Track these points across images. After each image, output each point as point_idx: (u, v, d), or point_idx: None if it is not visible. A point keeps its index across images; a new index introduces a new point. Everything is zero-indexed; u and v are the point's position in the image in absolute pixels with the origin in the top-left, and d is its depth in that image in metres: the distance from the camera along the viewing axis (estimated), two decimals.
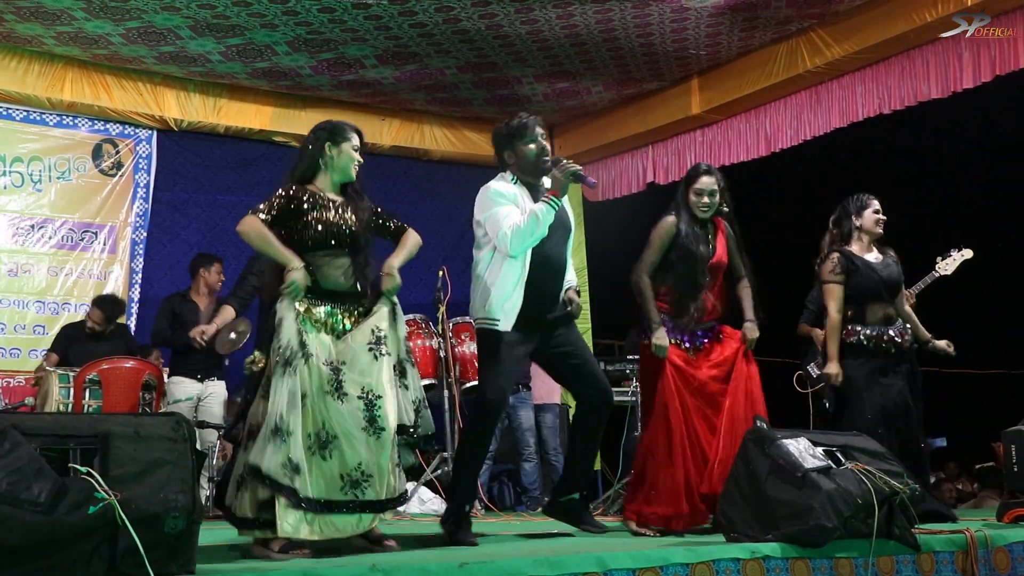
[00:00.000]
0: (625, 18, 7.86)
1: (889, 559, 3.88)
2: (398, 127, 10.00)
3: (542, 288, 4.78)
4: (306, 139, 4.51)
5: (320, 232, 4.22)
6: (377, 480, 4.05)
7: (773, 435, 4.01)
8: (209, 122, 9.22)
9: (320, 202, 4.28)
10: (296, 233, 4.22)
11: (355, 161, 4.42)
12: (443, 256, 9.11)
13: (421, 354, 7.37)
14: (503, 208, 4.70)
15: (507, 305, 4.68)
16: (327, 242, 4.24)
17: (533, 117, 4.95)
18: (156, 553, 2.77)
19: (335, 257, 4.26)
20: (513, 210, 4.69)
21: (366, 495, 4.02)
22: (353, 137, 4.44)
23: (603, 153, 10.36)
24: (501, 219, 4.66)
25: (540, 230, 4.63)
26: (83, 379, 6.81)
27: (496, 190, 4.79)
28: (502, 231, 4.64)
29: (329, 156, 4.37)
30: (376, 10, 7.59)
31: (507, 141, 4.91)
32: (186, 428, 3.09)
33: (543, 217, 4.61)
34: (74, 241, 8.77)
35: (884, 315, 5.60)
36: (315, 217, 4.23)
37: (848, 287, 5.61)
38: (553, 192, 4.68)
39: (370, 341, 4.18)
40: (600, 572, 3.29)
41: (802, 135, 8.54)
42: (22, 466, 2.69)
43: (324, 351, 4.10)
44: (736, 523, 3.96)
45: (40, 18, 7.67)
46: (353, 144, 4.43)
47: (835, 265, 5.62)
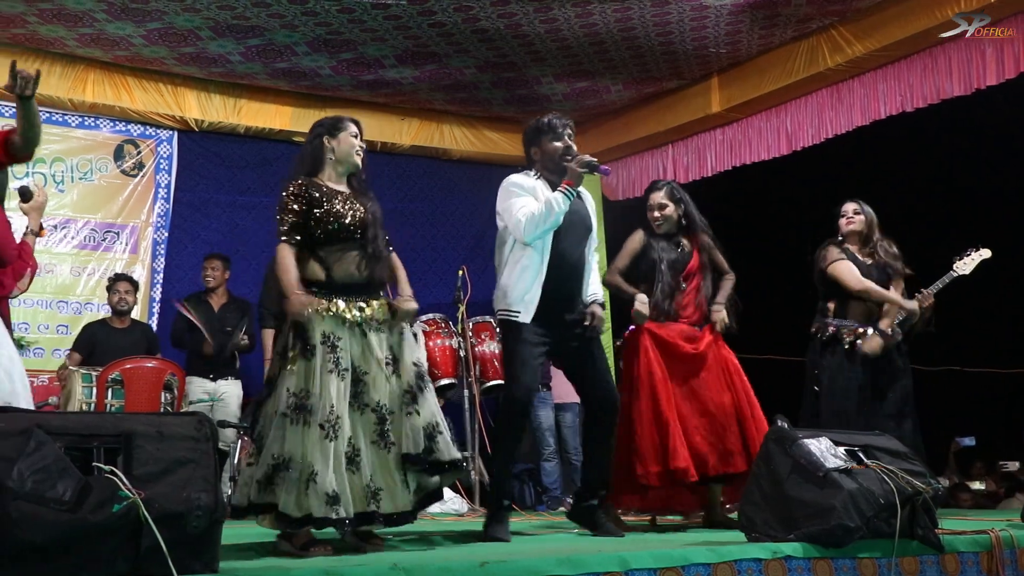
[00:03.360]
0: (644, 17, 7.84)
1: (913, 560, 3.86)
2: (418, 127, 10.01)
3: (559, 284, 4.84)
4: (305, 140, 4.52)
5: (331, 225, 4.21)
6: (387, 493, 4.09)
7: (794, 435, 3.99)
8: (229, 122, 9.26)
9: (328, 193, 4.28)
10: (308, 230, 4.22)
11: (356, 148, 4.40)
12: (463, 256, 9.13)
13: (441, 354, 7.39)
14: (520, 198, 4.82)
15: (527, 297, 4.76)
16: (338, 235, 4.23)
17: (562, 117, 5.08)
18: (179, 552, 2.78)
19: (346, 250, 4.25)
20: (529, 200, 4.80)
21: (382, 508, 4.06)
22: (350, 126, 4.43)
23: (623, 152, 10.34)
24: (516, 208, 4.78)
25: (554, 218, 4.72)
26: (106, 378, 6.85)
27: (515, 181, 4.92)
28: (516, 218, 4.75)
29: (329, 148, 4.37)
30: (395, 10, 7.60)
31: (534, 137, 5.04)
32: (208, 427, 3.10)
33: (557, 206, 4.70)
34: (96, 241, 8.81)
35: (866, 311, 5.89)
36: (325, 210, 4.22)
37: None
38: (568, 182, 4.78)
39: (387, 358, 4.22)
40: (621, 572, 3.28)
41: (823, 133, 8.50)
42: (47, 465, 2.70)
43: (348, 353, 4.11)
44: (757, 523, 3.94)
45: (62, 20, 7.71)
46: (351, 132, 4.41)
47: (834, 252, 5.97)
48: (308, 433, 3.95)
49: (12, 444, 2.72)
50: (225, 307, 8.00)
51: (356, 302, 4.19)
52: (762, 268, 8.52)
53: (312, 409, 3.97)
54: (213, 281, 8.02)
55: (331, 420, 3.96)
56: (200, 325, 7.73)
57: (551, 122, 5.00)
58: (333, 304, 4.15)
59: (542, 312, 4.77)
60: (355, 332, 4.16)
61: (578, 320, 4.96)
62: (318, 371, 4.02)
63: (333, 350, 4.06)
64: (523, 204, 4.78)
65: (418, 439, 4.19)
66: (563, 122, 5.02)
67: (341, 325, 4.13)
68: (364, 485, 4.04)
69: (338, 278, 4.22)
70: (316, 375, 4.01)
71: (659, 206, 5.60)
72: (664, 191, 5.64)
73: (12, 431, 2.75)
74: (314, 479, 3.89)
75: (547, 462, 8.24)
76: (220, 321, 7.87)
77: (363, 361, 4.15)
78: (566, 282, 4.91)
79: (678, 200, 5.62)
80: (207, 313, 7.90)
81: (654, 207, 5.61)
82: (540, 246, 4.80)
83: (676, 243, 5.61)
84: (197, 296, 8.11)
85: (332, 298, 4.16)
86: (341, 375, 4.05)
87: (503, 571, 3.12)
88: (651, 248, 5.56)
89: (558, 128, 4.98)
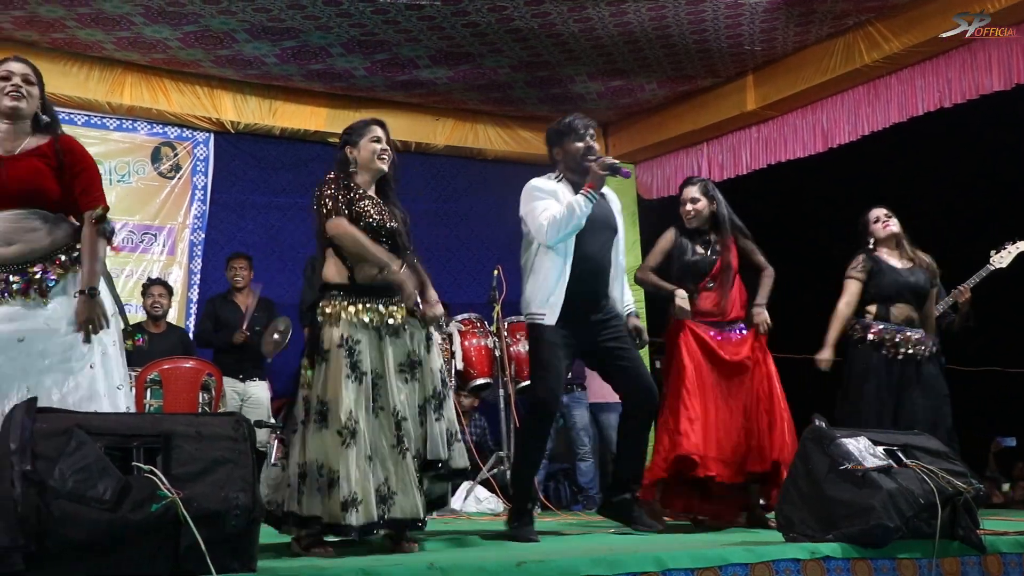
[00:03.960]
0: (679, 15, 7.81)
1: (954, 560, 3.82)
2: (452, 127, 10.02)
3: (584, 285, 4.85)
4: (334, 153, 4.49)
5: (361, 222, 4.17)
6: (402, 497, 4.05)
7: (832, 434, 3.97)
8: (265, 124, 9.31)
9: (364, 197, 4.25)
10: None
11: (377, 152, 4.32)
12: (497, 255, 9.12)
13: (476, 353, 7.40)
14: (542, 202, 4.84)
15: (551, 299, 4.78)
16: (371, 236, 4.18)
17: (584, 118, 5.06)
18: (217, 551, 2.79)
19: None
20: (552, 203, 4.82)
21: (392, 512, 4.03)
22: (370, 130, 4.36)
23: (657, 151, 10.31)
24: (539, 212, 4.81)
25: (576, 221, 4.74)
26: (144, 379, 6.91)
27: (536, 185, 4.96)
28: (539, 222, 4.78)
29: (352, 158, 4.34)
30: (429, 11, 7.61)
31: (557, 138, 5.06)
32: (246, 427, 3.12)
33: (579, 209, 4.72)
34: (134, 243, 8.89)
35: (907, 317, 5.78)
36: (359, 209, 4.18)
37: (872, 287, 5.82)
38: (590, 185, 4.78)
39: (402, 363, 4.17)
40: (658, 571, 3.27)
41: (860, 130, 8.43)
42: (88, 464, 2.73)
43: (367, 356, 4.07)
44: (795, 523, 3.92)
45: (100, 24, 7.79)
46: (372, 136, 4.34)
47: (859, 264, 5.88)
48: (327, 438, 3.93)
49: (54, 444, 2.75)
50: (252, 307, 8.04)
51: (376, 305, 4.14)
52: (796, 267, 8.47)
53: (330, 415, 3.95)
54: (242, 280, 8.08)
55: (349, 426, 3.93)
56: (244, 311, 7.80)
57: (573, 123, 5.00)
58: (352, 307, 4.11)
59: (567, 313, 4.78)
60: (373, 336, 4.11)
61: (605, 320, 4.97)
62: (336, 376, 3.98)
63: (351, 353, 4.02)
64: (545, 207, 4.80)
65: (442, 445, 4.18)
66: (585, 123, 5.01)
67: (359, 328, 4.08)
68: (375, 490, 4.00)
69: (360, 280, 4.17)
70: (334, 380, 3.98)
71: (691, 199, 5.61)
72: (698, 186, 5.66)
73: (53, 431, 2.78)
74: (334, 485, 3.88)
75: (582, 462, 8.23)
76: (250, 321, 7.92)
77: (381, 365, 4.10)
78: (591, 283, 4.92)
79: (711, 197, 5.62)
80: (234, 313, 7.96)
81: (686, 201, 5.63)
82: (563, 248, 4.82)
83: (706, 242, 5.60)
84: (223, 296, 8.17)
85: (352, 300, 4.12)
86: (359, 379, 4.01)
87: (540, 571, 3.11)
88: (678, 247, 5.59)
89: (580, 129, 4.98)
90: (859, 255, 5.90)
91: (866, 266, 5.84)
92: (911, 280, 5.80)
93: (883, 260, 5.86)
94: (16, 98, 3.74)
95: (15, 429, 2.73)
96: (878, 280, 5.80)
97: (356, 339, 4.05)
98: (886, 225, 5.93)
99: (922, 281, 5.83)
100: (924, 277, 5.85)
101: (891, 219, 5.94)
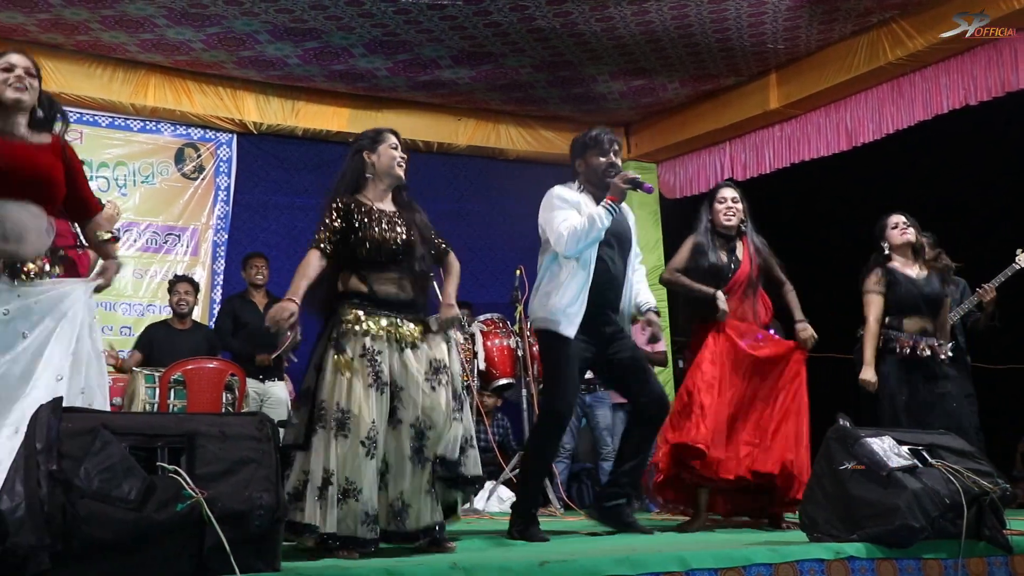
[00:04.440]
0: (701, 14, 7.79)
1: (980, 560, 3.79)
2: (474, 127, 10.03)
3: (599, 299, 4.87)
4: (346, 157, 4.46)
5: (369, 249, 4.15)
6: (415, 511, 4.05)
7: (857, 433, 3.95)
8: (287, 125, 9.34)
9: (370, 215, 4.21)
10: (349, 248, 4.18)
11: (397, 159, 4.33)
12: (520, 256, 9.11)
13: (499, 353, 7.40)
14: (562, 211, 4.85)
15: (570, 310, 4.79)
16: (377, 258, 4.17)
17: (610, 132, 5.09)
18: (241, 551, 2.80)
19: (386, 271, 4.19)
20: (572, 213, 4.83)
21: (406, 525, 4.03)
22: (389, 137, 4.37)
23: (680, 150, 10.28)
24: (559, 222, 4.81)
25: (596, 233, 4.75)
26: (168, 379, 6.93)
27: (558, 194, 4.95)
28: (559, 232, 4.78)
29: (370, 163, 4.32)
30: (451, 10, 7.61)
31: (580, 150, 5.08)
32: (269, 427, 3.12)
33: (600, 221, 4.73)
34: (158, 244, 8.94)
35: (921, 328, 5.77)
36: (365, 234, 4.16)
37: (888, 299, 5.80)
38: (612, 198, 4.80)
39: (427, 371, 4.13)
40: (682, 571, 3.27)
41: (884, 129, 8.38)
42: (113, 464, 2.74)
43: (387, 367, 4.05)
44: (819, 523, 3.90)
45: (124, 26, 7.83)
46: (390, 143, 4.35)
47: (878, 278, 5.84)
48: (348, 449, 3.89)
49: (79, 443, 2.76)
50: (269, 307, 8.03)
51: (394, 319, 4.12)
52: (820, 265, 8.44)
53: (352, 426, 3.90)
54: (262, 279, 8.09)
55: (371, 436, 3.91)
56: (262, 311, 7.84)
57: (598, 137, 5.03)
58: (373, 319, 4.09)
59: (584, 325, 4.80)
60: (394, 347, 4.09)
61: (616, 331, 4.99)
62: (359, 386, 3.95)
63: (372, 364, 3.99)
64: (565, 217, 4.81)
65: (456, 447, 4.14)
66: (610, 137, 5.04)
67: (380, 339, 4.06)
68: (388, 504, 4.02)
69: (380, 296, 4.16)
70: (357, 391, 3.95)
71: (732, 199, 5.60)
72: (735, 189, 5.68)
73: (79, 430, 2.80)
74: (354, 497, 3.87)
75: (605, 461, 8.20)
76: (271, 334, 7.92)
77: (401, 376, 4.07)
78: (605, 296, 4.93)
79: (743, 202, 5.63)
80: (253, 313, 7.97)
81: (727, 199, 5.60)
82: (585, 261, 4.82)
83: (732, 248, 5.59)
84: (240, 296, 8.18)
85: (373, 311, 4.11)
86: (380, 389, 3.99)
87: (563, 571, 3.11)
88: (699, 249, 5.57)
89: (604, 143, 5.01)
90: (875, 268, 5.88)
91: (884, 279, 5.82)
92: (926, 291, 5.78)
93: (898, 271, 5.83)
94: (19, 90, 3.76)
95: (41, 428, 2.74)
96: (894, 291, 5.80)
97: (378, 349, 4.03)
98: (903, 233, 5.88)
99: (937, 290, 5.82)
100: (939, 285, 5.83)
101: (909, 227, 5.89)
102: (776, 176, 9.36)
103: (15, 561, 2.59)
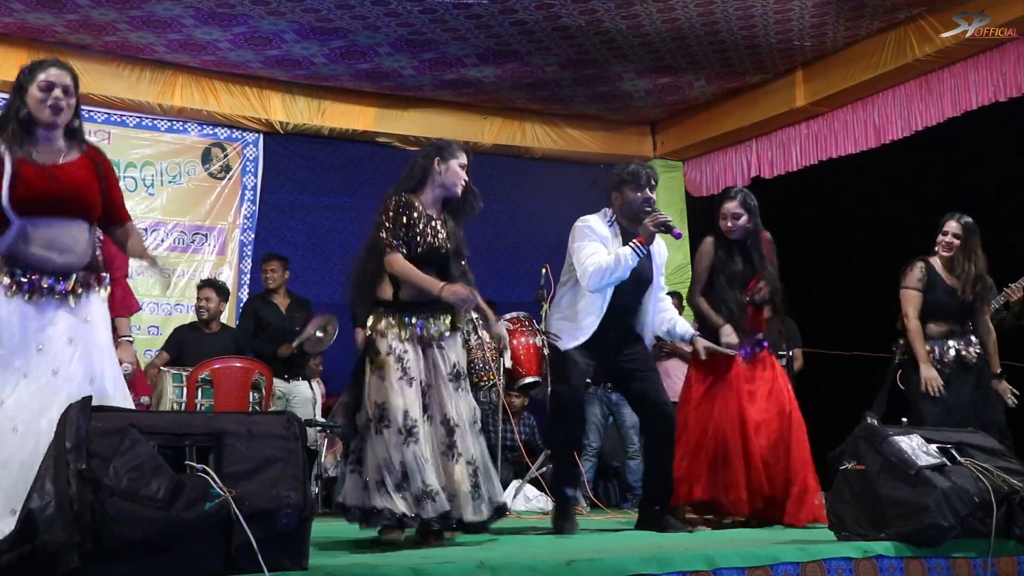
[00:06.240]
0: (728, 11, 7.76)
1: (1010, 560, 3.77)
2: (499, 125, 10.03)
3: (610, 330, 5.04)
4: (417, 153, 4.61)
5: (419, 251, 4.31)
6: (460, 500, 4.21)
7: (885, 432, 3.93)
8: (314, 124, 9.36)
9: (423, 218, 4.36)
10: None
11: (461, 180, 4.45)
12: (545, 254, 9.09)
13: (525, 352, 7.37)
14: (592, 244, 4.99)
15: (578, 334, 5.00)
16: (423, 259, 4.32)
17: (649, 168, 5.21)
18: (269, 549, 2.81)
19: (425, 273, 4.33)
20: (600, 248, 4.98)
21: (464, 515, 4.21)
22: (461, 155, 4.48)
23: (706, 148, 10.25)
24: (586, 255, 4.96)
25: (620, 273, 4.91)
26: (195, 378, 6.97)
27: (590, 225, 5.10)
28: (584, 266, 4.94)
29: (437, 171, 4.42)
30: (477, 9, 7.62)
31: (617, 184, 5.19)
32: (297, 426, 3.13)
33: (626, 262, 4.88)
34: (185, 243, 8.98)
35: (946, 331, 5.81)
36: (417, 233, 4.31)
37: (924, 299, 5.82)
38: (640, 240, 4.92)
39: (449, 373, 4.33)
40: (709, 570, 3.26)
41: (913, 126, 8.31)
42: (141, 463, 2.76)
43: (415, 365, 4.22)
44: (847, 521, 3.89)
45: (151, 27, 7.88)
46: (460, 162, 4.46)
47: (921, 275, 5.83)
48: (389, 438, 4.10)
49: (108, 442, 2.78)
50: (291, 307, 8.09)
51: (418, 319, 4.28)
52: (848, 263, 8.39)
53: (390, 416, 4.11)
54: (273, 282, 8.09)
55: (408, 424, 4.10)
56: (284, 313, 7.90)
57: (637, 172, 5.13)
58: (396, 322, 4.26)
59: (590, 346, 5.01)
60: (418, 348, 4.27)
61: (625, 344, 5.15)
62: (391, 381, 4.16)
63: (400, 361, 4.19)
64: (594, 251, 4.96)
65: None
66: (648, 174, 5.13)
67: (404, 340, 4.24)
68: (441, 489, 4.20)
69: (404, 298, 4.34)
70: (388, 385, 4.15)
71: (733, 215, 5.58)
72: (738, 200, 5.61)
73: (108, 430, 2.81)
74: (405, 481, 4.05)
75: (631, 460, 8.19)
76: (289, 321, 7.96)
77: (430, 375, 4.28)
78: (618, 328, 5.09)
79: (751, 209, 5.59)
80: (275, 314, 8.00)
81: (728, 215, 5.59)
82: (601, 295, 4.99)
83: (745, 254, 5.60)
84: (261, 297, 8.20)
85: (395, 315, 4.28)
86: (410, 382, 4.18)
87: (589, 569, 3.10)
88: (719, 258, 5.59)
89: (641, 179, 5.10)
90: (918, 263, 5.86)
91: (923, 277, 5.81)
92: (957, 298, 5.79)
93: (938, 274, 5.84)
94: (56, 111, 3.77)
95: (71, 427, 2.76)
96: (928, 294, 5.81)
97: (404, 349, 4.22)
98: (949, 245, 5.84)
99: (968, 300, 5.80)
100: (970, 297, 5.80)
101: (958, 239, 5.84)
102: (802, 174, 9.31)
103: (45, 559, 2.61)
